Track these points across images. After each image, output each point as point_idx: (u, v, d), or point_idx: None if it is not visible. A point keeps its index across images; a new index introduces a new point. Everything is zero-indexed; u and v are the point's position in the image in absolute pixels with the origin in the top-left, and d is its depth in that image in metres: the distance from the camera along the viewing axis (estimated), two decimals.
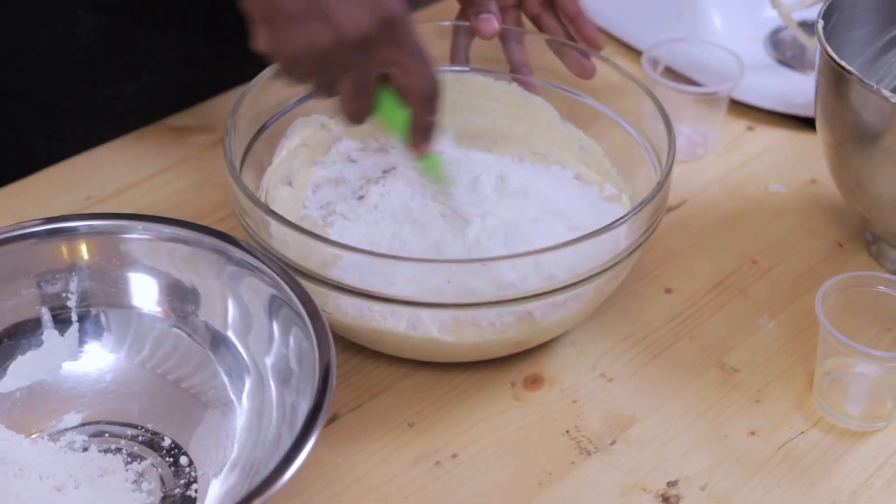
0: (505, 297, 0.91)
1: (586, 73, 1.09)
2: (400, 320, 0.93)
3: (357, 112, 0.94)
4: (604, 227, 0.92)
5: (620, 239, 0.94)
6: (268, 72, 1.05)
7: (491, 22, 1.08)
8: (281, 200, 1.04)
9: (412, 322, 0.93)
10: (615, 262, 0.94)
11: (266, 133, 1.07)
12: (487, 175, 1.02)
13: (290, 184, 1.06)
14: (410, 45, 0.92)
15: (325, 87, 0.93)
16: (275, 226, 0.92)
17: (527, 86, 1.13)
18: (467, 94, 1.13)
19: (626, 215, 0.93)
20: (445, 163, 1.01)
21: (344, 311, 0.94)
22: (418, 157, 0.98)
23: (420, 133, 0.96)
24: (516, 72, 1.13)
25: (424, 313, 0.92)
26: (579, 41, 1.11)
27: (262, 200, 1.00)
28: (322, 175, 1.07)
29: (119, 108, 1.25)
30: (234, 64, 1.25)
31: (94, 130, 1.23)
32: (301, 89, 1.07)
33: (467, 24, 1.12)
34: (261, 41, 0.91)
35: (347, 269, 0.92)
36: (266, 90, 1.06)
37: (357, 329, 0.96)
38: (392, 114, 0.96)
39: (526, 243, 0.97)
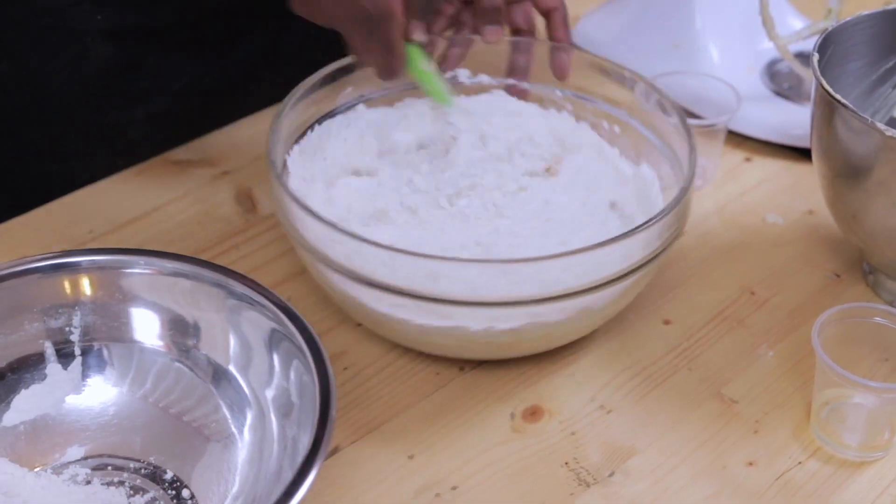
0: (530, 297, 0.94)
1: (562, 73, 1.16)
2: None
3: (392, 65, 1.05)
4: (625, 233, 0.96)
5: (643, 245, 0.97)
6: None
7: (497, 32, 1.14)
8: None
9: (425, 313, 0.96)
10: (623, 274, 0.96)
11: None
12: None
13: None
14: None
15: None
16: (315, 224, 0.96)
17: (518, 93, 1.17)
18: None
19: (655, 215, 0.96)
20: (441, 79, 1.10)
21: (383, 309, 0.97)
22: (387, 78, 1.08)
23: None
24: (514, 75, 1.17)
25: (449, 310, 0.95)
26: (551, 66, 1.16)
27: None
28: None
29: (130, 133, 1.26)
30: (243, 90, 1.27)
31: (105, 156, 1.25)
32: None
33: (467, 36, 1.17)
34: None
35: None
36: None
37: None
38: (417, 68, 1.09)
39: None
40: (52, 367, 0.95)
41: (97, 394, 0.96)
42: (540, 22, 1.18)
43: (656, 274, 1.12)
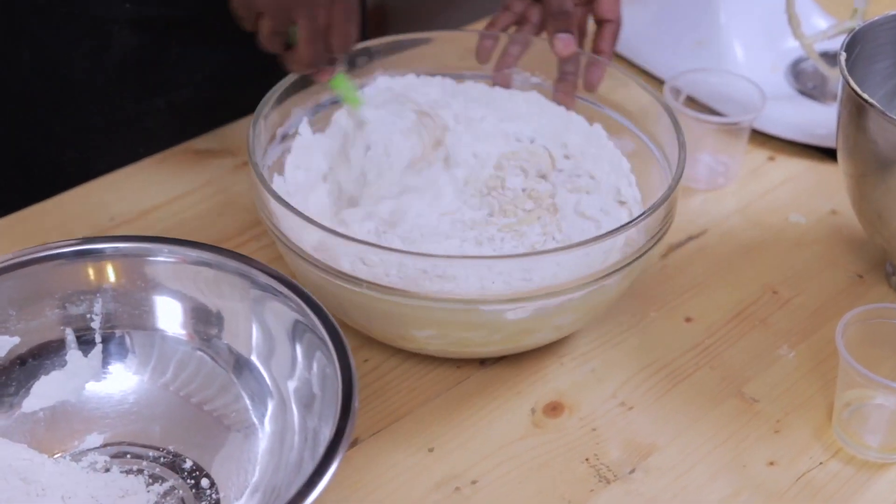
0: (522, 295, 0.93)
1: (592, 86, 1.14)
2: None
3: (314, 57, 1.02)
4: (602, 235, 0.95)
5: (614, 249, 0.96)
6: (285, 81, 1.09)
7: (570, 43, 1.11)
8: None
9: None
10: (603, 275, 0.95)
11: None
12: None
13: None
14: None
15: (282, 33, 1.03)
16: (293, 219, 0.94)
17: (562, 97, 1.15)
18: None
19: (630, 221, 0.96)
20: (350, 82, 1.09)
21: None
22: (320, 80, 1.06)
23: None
24: (562, 83, 1.16)
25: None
26: (584, 76, 1.14)
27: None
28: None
29: (148, 123, 1.26)
30: (263, 81, 1.26)
31: (123, 145, 1.24)
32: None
33: (528, 35, 1.17)
34: None
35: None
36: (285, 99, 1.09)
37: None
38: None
39: None
40: (73, 354, 0.95)
41: (118, 381, 0.96)
42: None
43: (678, 271, 1.12)
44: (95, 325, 0.96)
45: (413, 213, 1.02)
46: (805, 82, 1.33)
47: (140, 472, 0.92)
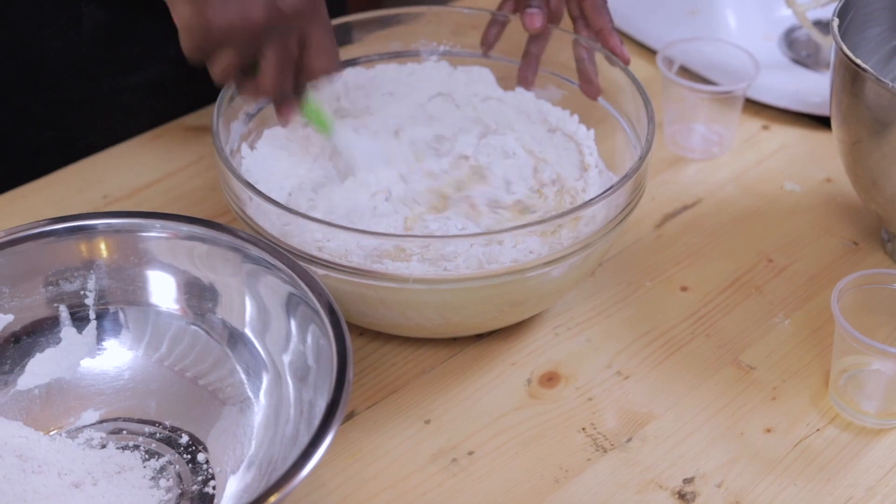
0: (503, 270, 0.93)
1: (592, 94, 1.11)
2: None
3: (280, 86, 0.97)
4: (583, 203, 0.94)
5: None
6: None
7: (536, 17, 1.10)
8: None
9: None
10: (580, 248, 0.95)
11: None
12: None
13: None
14: (326, 22, 0.97)
15: (245, 64, 0.96)
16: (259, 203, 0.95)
17: (523, 80, 1.14)
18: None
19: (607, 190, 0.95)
20: (324, 109, 1.04)
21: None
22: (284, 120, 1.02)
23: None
24: (525, 59, 1.14)
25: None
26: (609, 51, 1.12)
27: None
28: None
29: (126, 100, 1.25)
30: None
31: (102, 123, 1.24)
32: None
33: (504, 14, 1.15)
34: (184, 16, 0.93)
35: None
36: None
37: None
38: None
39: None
40: (67, 331, 0.95)
41: (112, 357, 0.95)
42: None
43: (673, 241, 1.12)
44: (89, 301, 0.95)
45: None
46: (798, 51, 1.33)
47: (136, 447, 0.92)
